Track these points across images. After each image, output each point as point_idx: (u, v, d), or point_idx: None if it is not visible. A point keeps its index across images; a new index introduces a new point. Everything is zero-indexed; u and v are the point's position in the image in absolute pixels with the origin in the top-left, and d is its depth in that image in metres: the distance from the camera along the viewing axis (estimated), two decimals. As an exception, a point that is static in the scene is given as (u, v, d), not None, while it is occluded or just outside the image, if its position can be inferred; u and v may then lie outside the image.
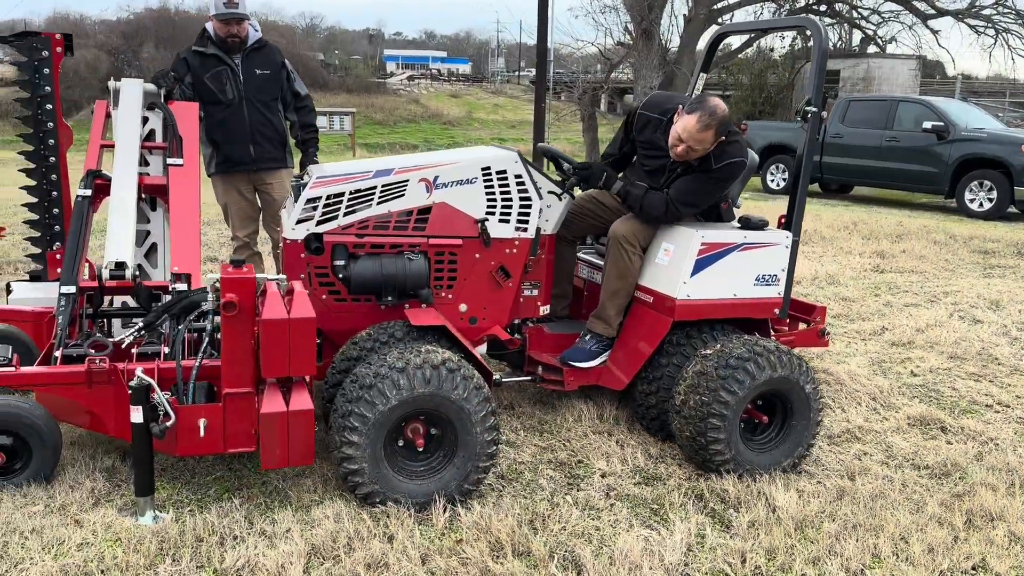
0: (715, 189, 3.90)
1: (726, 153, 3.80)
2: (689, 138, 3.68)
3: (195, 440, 3.09)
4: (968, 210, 13.29)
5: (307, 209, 3.60)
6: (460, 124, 43.79)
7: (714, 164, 3.80)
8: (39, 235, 4.58)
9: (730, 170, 3.83)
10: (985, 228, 10.60)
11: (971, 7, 23.25)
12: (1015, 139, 13.33)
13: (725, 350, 3.61)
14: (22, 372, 3.18)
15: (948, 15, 23.50)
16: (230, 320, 3.04)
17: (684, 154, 3.76)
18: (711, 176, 3.83)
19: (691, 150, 3.73)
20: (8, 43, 4.43)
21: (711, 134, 3.68)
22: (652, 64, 22.11)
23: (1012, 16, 23.04)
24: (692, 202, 3.88)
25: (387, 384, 3.06)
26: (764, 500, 3.29)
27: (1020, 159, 12.87)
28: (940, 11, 23.55)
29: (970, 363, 5.10)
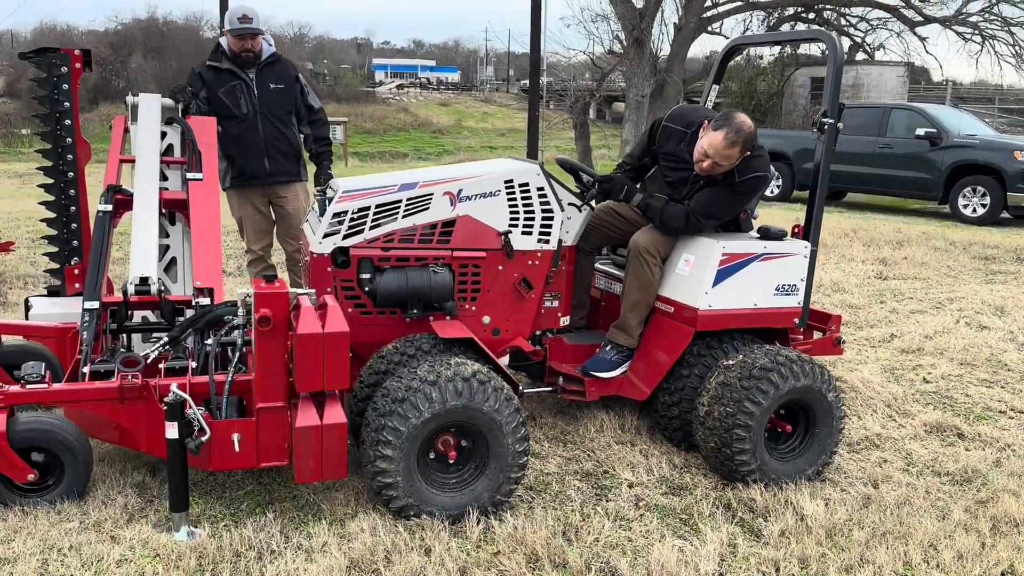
0: (737, 203, 3.94)
1: (750, 167, 3.84)
2: (715, 154, 3.72)
3: (229, 455, 3.10)
4: (962, 216, 13.41)
5: (333, 223, 3.62)
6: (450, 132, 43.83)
7: (738, 178, 3.84)
8: (57, 250, 4.58)
9: (753, 184, 3.88)
10: (984, 234, 10.70)
11: (958, 14, 23.46)
12: (1007, 145, 13.47)
13: (748, 360, 3.64)
14: (55, 389, 3.18)
15: (935, 22, 23.70)
16: (264, 335, 3.05)
17: (709, 169, 3.80)
18: (734, 189, 3.87)
19: (716, 166, 3.77)
20: (28, 59, 4.44)
21: (737, 151, 3.72)
22: (643, 72, 22.25)
23: (998, 23, 23.26)
24: (713, 214, 3.92)
25: (419, 397, 3.08)
26: (792, 509, 3.32)
27: (1013, 165, 13.00)
28: (928, 18, 23.75)
29: (980, 369, 5.16)
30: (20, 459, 3.07)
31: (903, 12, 23.85)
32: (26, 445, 3.09)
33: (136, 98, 4.52)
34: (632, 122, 22.47)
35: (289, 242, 5.34)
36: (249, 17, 4.92)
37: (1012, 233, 11.35)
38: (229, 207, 5.25)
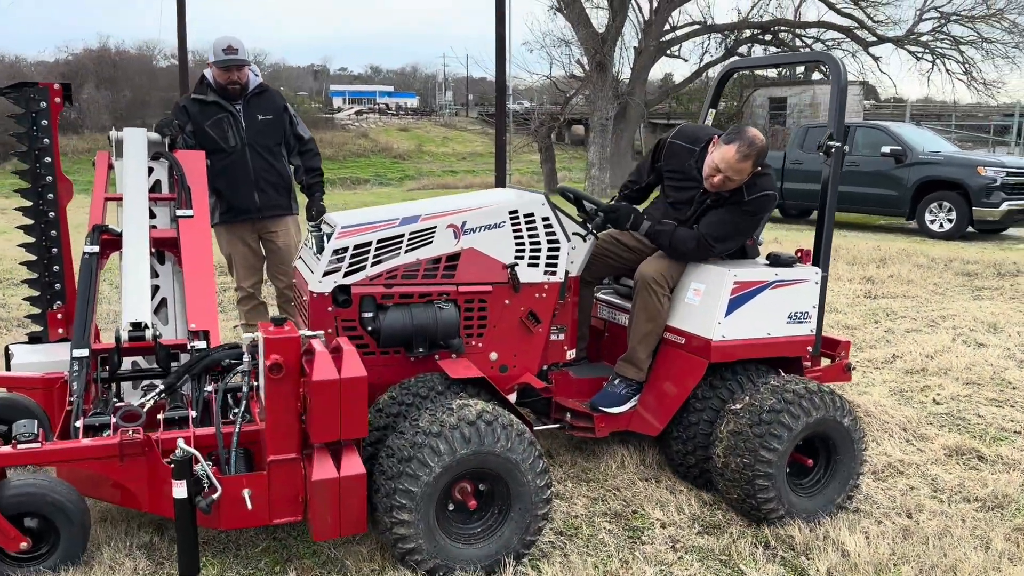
0: (747, 224, 3.86)
1: (758, 186, 3.77)
2: (727, 168, 3.64)
3: (240, 512, 2.91)
4: (929, 231, 13.60)
5: (333, 261, 3.46)
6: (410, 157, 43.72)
7: (746, 196, 3.76)
8: (38, 294, 4.35)
9: (762, 203, 3.80)
10: (962, 250, 10.81)
11: (910, 34, 24.02)
12: (971, 161, 13.72)
13: (755, 404, 3.52)
14: (49, 448, 2.96)
15: (888, 42, 24.25)
16: (276, 382, 2.89)
17: (720, 184, 3.72)
18: (743, 209, 3.79)
19: (728, 180, 3.69)
20: (4, 95, 4.23)
21: (749, 164, 3.65)
22: (607, 96, 22.39)
23: (948, 42, 23.85)
24: (724, 237, 3.83)
25: (426, 452, 2.90)
26: (832, 544, 3.22)
27: (977, 180, 13.24)
28: (881, 38, 24.30)
29: (987, 389, 5.13)
30: (11, 526, 2.85)
31: (857, 33, 24.37)
32: (18, 511, 2.87)
33: (120, 133, 4.33)
34: (597, 144, 22.57)
35: (280, 278, 5.16)
36: (234, 48, 4.76)
37: (988, 248, 11.51)
38: (218, 244, 5.06)
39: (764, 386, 3.62)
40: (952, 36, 23.58)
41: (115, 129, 4.37)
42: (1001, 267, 9.14)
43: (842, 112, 4.00)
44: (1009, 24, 22.51)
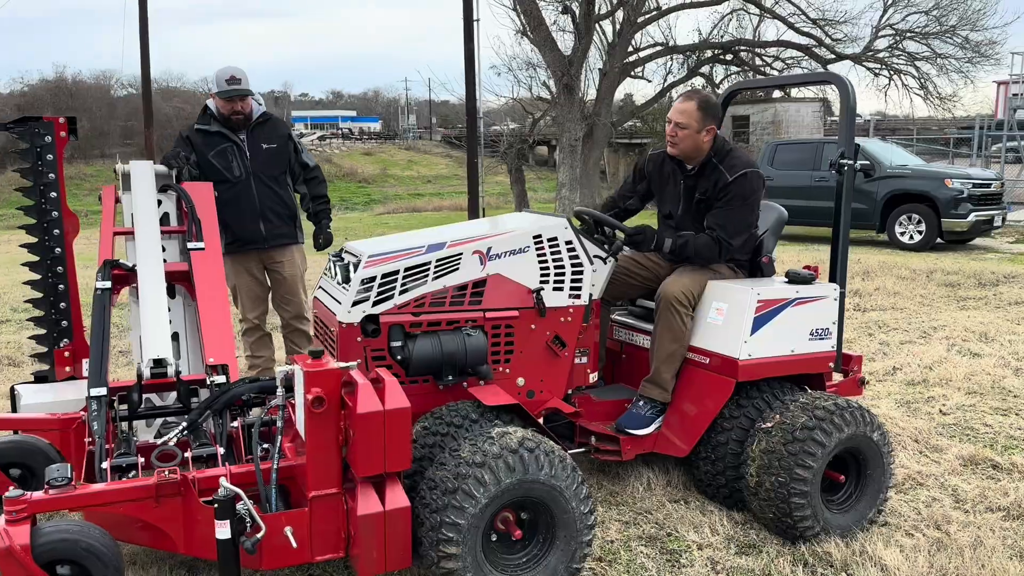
0: (747, 210, 3.90)
1: (733, 165, 3.87)
2: (674, 114, 3.88)
3: (283, 551, 2.84)
4: (900, 243, 13.86)
5: (362, 290, 3.41)
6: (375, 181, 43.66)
7: (729, 178, 3.83)
8: (45, 332, 4.24)
9: (747, 182, 3.86)
10: (940, 261, 11.01)
11: (867, 51, 24.55)
12: (938, 174, 14.03)
13: (786, 421, 3.53)
14: (84, 492, 2.87)
15: (846, 59, 24.74)
16: (317, 417, 2.83)
17: (674, 135, 3.91)
18: (733, 194, 3.84)
19: (679, 127, 3.88)
20: (8, 130, 4.13)
21: (693, 105, 3.86)
22: (575, 117, 22.55)
23: (904, 59, 24.42)
24: (736, 231, 3.87)
25: (471, 483, 2.85)
26: (870, 560, 3.23)
27: (945, 192, 13.54)
28: (839, 55, 24.78)
29: (989, 398, 5.21)
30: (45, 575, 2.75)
31: (815, 51, 24.84)
32: (51, 559, 2.76)
33: (126, 165, 4.26)
34: (567, 165, 22.67)
35: (285, 308, 5.08)
36: (237, 78, 4.70)
37: (961, 258, 11.73)
38: None
39: (793, 403, 3.63)
40: (908, 52, 24.15)
41: (120, 162, 4.29)
42: (981, 277, 9.34)
43: (852, 130, 4.07)
44: (962, 40, 23.14)
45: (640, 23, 24.40)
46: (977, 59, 22.84)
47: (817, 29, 24.61)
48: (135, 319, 4.18)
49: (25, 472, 3.69)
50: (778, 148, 16.07)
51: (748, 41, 25.96)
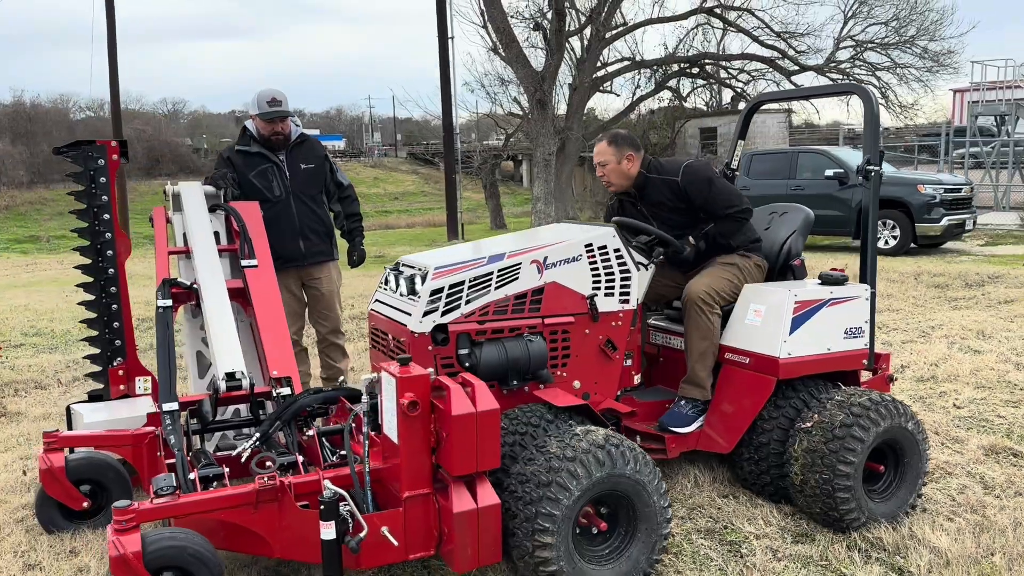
0: (718, 183, 4.20)
1: (670, 169, 4.23)
2: (595, 157, 4.30)
3: (381, 550, 2.97)
4: (875, 248, 14.25)
5: (431, 301, 3.56)
6: (343, 200, 43.34)
7: (679, 179, 4.18)
8: (99, 351, 4.32)
9: (694, 170, 4.19)
10: (924, 264, 11.39)
11: (829, 62, 25.19)
12: (911, 180, 14.49)
13: (824, 420, 3.71)
14: (189, 501, 2.97)
15: (810, 70, 25.34)
16: (410, 420, 2.96)
17: (603, 176, 4.31)
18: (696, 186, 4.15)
19: (601, 166, 4.27)
20: (62, 154, 4.22)
21: (603, 144, 4.28)
22: (548, 132, 22.84)
23: (866, 69, 25.10)
24: (731, 200, 4.18)
25: (564, 476, 3.01)
26: (920, 543, 3.44)
27: (918, 198, 13.99)
28: (803, 67, 25.39)
29: (998, 391, 5.49)
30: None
31: (779, 63, 25.44)
32: (160, 565, 2.86)
33: (176, 187, 4.36)
34: (541, 179, 22.91)
35: (322, 324, 5.20)
36: (278, 100, 4.83)
37: (945, 261, 12.15)
38: None
39: (830, 402, 3.82)
40: (869, 63, 24.83)
41: (171, 183, 4.39)
42: (966, 278, 9.72)
43: (876, 137, 4.29)
44: (920, 50, 23.88)
45: (608, 38, 24.81)
46: (936, 68, 23.58)
47: (781, 42, 25.20)
48: (190, 336, 4.29)
49: (95, 487, 3.78)
50: (753, 158, 16.46)
51: (713, 55, 26.49)
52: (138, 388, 4.38)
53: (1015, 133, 22.18)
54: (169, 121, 72.22)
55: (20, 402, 5.74)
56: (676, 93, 27.70)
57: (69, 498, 3.65)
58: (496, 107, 26.28)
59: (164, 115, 76.69)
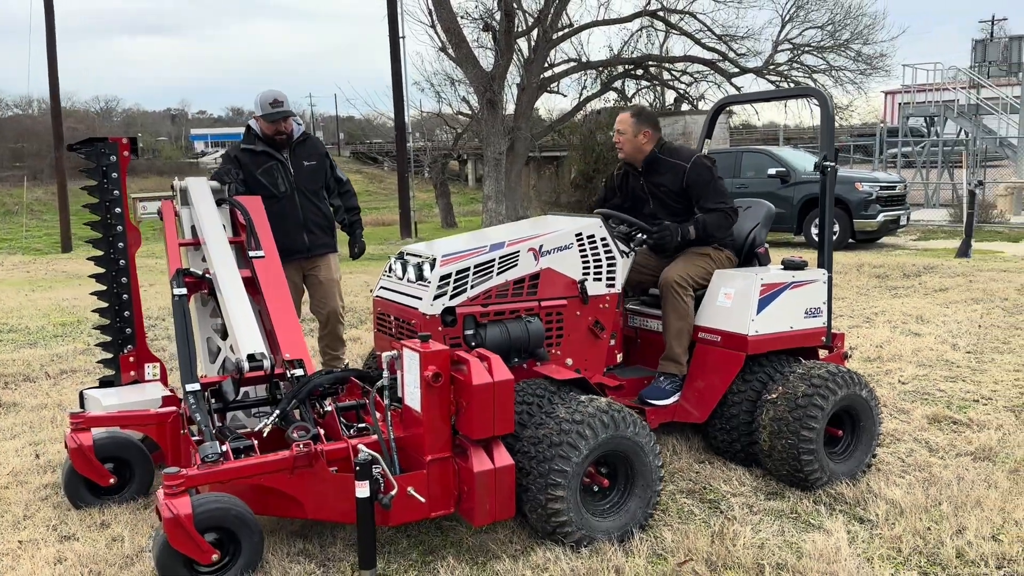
0: (718, 182, 4.55)
1: (681, 156, 4.58)
2: (616, 124, 4.62)
3: (408, 508, 3.27)
4: (815, 243, 14.90)
5: (441, 285, 3.87)
6: (287, 200, 42.95)
7: (687, 165, 4.51)
8: (110, 339, 4.52)
9: (702, 164, 4.51)
10: (863, 257, 12.03)
11: (768, 64, 26.05)
12: (849, 178, 15.21)
13: (788, 391, 4.11)
14: (233, 466, 3.24)
15: (749, 72, 26.19)
16: (433, 390, 3.28)
17: (618, 142, 4.62)
18: (700, 176, 4.49)
19: (620, 134, 4.60)
20: (76, 151, 4.42)
21: (627, 115, 4.60)
22: (499, 132, 23.21)
23: (803, 72, 26.03)
24: (724, 198, 4.52)
25: (575, 437, 3.36)
26: (875, 496, 3.88)
27: (856, 195, 14.71)
28: (743, 69, 26.20)
29: (937, 369, 6.02)
30: (205, 540, 3.11)
31: (720, 65, 26.22)
32: (208, 525, 3.12)
33: (184, 182, 4.58)
34: (492, 178, 23.27)
35: (321, 312, 5.46)
36: (280, 101, 5.08)
37: (881, 255, 12.83)
38: None
39: (792, 375, 4.24)
40: (806, 66, 25.74)
41: (177, 179, 4.61)
42: (904, 269, 10.38)
43: (831, 136, 4.74)
44: (854, 53, 24.89)
45: (555, 40, 25.28)
46: (869, 71, 24.60)
47: (722, 44, 25.98)
48: (200, 323, 4.52)
49: (119, 465, 4.01)
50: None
51: (657, 56, 27.14)
52: (147, 374, 4.59)
53: (944, 134, 23.30)
54: (102, 119, 70.69)
55: (12, 394, 5.87)
56: (621, 94, 28.29)
57: (97, 475, 3.87)
58: (445, 106, 26.57)
59: (97, 113, 74.96)
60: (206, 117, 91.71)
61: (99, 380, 4.61)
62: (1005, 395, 5.43)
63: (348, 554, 3.44)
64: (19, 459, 4.55)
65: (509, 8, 21.83)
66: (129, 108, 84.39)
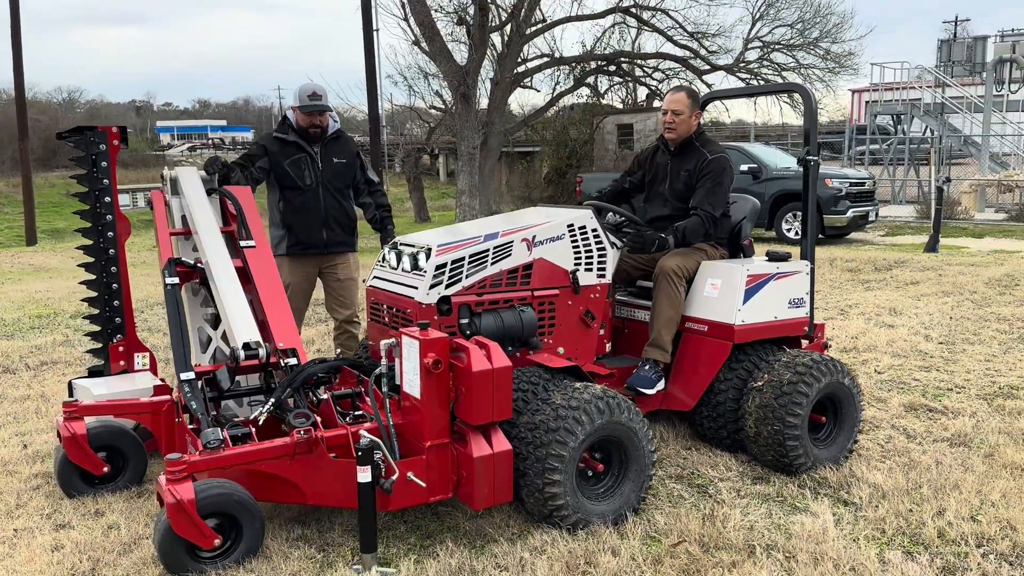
0: (721, 187, 4.60)
1: (711, 148, 4.67)
2: (668, 102, 4.66)
3: (407, 492, 3.32)
4: (787, 238, 15.17)
5: (437, 275, 3.92)
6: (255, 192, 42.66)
7: (710, 156, 4.61)
8: (99, 329, 4.51)
9: (723, 162, 4.61)
10: (837, 251, 12.25)
11: (738, 62, 26.32)
12: (820, 175, 15.42)
13: (774, 379, 4.22)
14: (235, 452, 3.26)
15: (720, 70, 26.44)
16: (433, 377, 3.33)
17: (671, 121, 4.67)
18: (713, 171, 4.56)
19: (674, 114, 4.65)
20: (65, 139, 4.39)
21: (683, 95, 4.68)
22: (472, 126, 23.22)
23: (773, 69, 26.33)
24: (714, 204, 4.57)
25: (571, 423, 3.43)
26: (859, 480, 4.00)
27: (826, 191, 14.94)
28: (714, 66, 26.45)
29: (911, 359, 6.17)
30: (207, 526, 3.13)
31: (691, 63, 26.45)
32: (211, 511, 3.14)
33: (174, 171, 4.58)
34: (466, 173, 23.26)
35: (338, 311, 5.46)
36: (318, 95, 5.12)
37: (851, 249, 13.05)
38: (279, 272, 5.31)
39: (777, 363, 4.35)
40: (776, 63, 26.05)
41: (167, 168, 4.60)
42: (875, 263, 10.59)
43: (815, 131, 4.85)
44: (823, 52, 25.24)
45: (528, 35, 25.33)
46: (838, 69, 24.96)
47: (693, 42, 26.20)
48: (191, 313, 4.52)
49: (112, 453, 4.01)
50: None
51: (629, 53, 27.31)
52: (137, 364, 4.59)
53: (910, 132, 23.71)
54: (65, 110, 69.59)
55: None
56: (594, 90, 28.44)
57: (91, 463, 3.87)
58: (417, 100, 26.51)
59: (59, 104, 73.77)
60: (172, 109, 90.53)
61: (88, 369, 4.59)
62: (977, 384, 5.60)
63: (347, 539, 3.48)
64: (6, 449, 4.53)
65: (483, 2, 21.81)
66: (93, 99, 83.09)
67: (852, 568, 3.16)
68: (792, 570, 3.17)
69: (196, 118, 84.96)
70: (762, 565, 3.18)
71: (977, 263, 11.04)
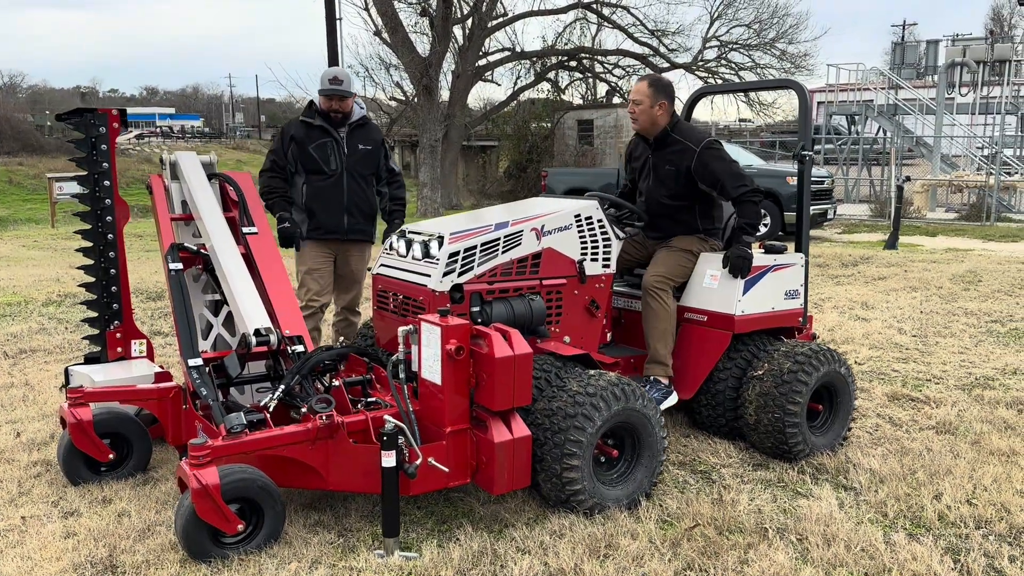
0: (729, 165, 4.56)
1: (691, 137, 4.61)
2: (631, 94, 4.65)
3: (428, 477, 3.34)
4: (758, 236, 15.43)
5: (450, 263, 3.93)
6: (207, 183, 41.89)
7: (696, 148, 4.56)
8: (97, 315, 4.43)
9: (712, 147, 4.57)
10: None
11: (696, 61, 26.68)
12: (781, 172, 15.74)
13: (774, 368, 4.33)
14: (258, 437, 3.25)
15: (679, 67, 26.78)
16: (453, 363, 3.35)
17: (633, 112, 4.64)
18: (713, 158, 4.54)
19: (635, 104, 4.60)
20: (64, 121, 4.30)
21: (643, 84, 4.64)
22: (434, 118, 23.17)
23: (730, 68, 26.74)
24: (743, 179, 4.54)
25: (588, 409, 3.48)
26: (855, 466, 4.12)
27: (787, 189, 15.22)
28: (673, 64, 26.78)
29: (887, 351, 6.36)
30: (231, 511, 3.11)
31: (651, 60, 26.72)
32: (234, 496, 3.13)
33: (173, 156, 4.52)
34: (428, 165, 23.22)
35: (343, 296, 5.49)
36: (340, 80, 5.13)
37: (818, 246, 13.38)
38: (299, 258, 5.31)
39: (776, 352, 4.45)
40: (733, 63, 26.47)
41: (167, 152, 4.54)
42: (842, 259, 10.86)
43: (809, 127, 4.95)
44: (780, 52, 25.72)
45: (490, 28, 25.35)
46: (793, 69, 25.43)
47: (654, 39, 26.49)
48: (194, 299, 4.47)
49: (116, 440, 3.95)
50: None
51: (590, 49, 27.50)
52: (134, 351, 4.52)
53: (864, 132, 24.26)
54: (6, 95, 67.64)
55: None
56: (555, 85, 28.54)
57: (97, 450, 3.81)
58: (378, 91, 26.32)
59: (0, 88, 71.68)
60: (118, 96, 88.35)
61: (84, 356, 4.51)
62: (954, 375, 5.80)
63: (364, 524, 3.48)
64: (0, 438, 4.42)
65: (447, -6, 21.77)
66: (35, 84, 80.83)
67: (863, 549, 3.27)
68: (806, 551, 3.27)
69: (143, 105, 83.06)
70: (777, 547, 3.27)
71: (939, 260, 11.39)
